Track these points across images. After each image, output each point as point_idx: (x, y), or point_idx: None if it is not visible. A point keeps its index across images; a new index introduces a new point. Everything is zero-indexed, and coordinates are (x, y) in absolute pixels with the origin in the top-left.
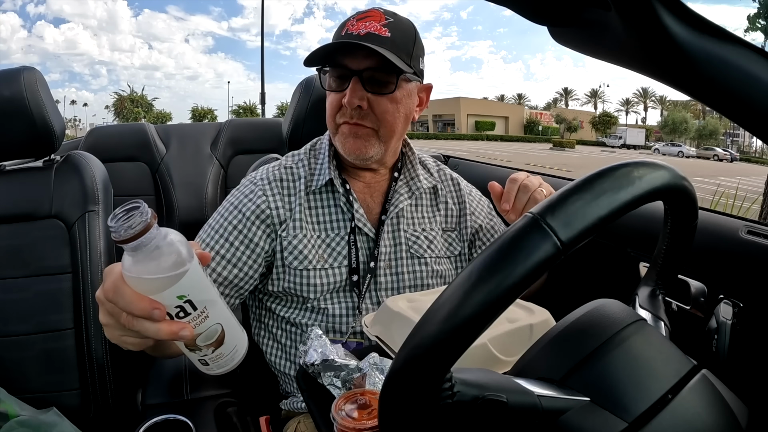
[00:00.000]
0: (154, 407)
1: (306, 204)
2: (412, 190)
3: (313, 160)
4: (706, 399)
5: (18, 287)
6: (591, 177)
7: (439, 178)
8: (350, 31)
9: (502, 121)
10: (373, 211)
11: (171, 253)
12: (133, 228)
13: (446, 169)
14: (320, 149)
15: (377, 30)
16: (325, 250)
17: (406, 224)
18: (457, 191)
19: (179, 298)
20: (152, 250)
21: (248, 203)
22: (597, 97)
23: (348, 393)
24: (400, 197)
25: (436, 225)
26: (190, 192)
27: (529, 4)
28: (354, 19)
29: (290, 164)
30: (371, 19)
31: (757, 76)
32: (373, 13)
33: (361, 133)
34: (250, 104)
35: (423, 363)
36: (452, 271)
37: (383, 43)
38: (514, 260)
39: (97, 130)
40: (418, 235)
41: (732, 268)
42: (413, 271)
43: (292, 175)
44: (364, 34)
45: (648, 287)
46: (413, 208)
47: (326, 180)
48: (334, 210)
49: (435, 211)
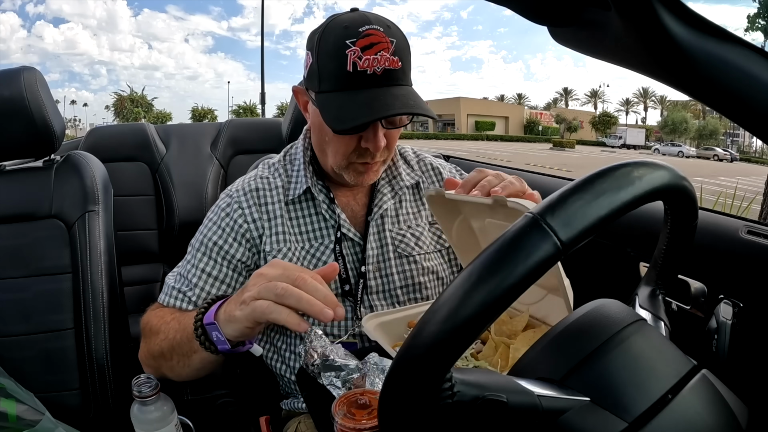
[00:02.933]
0: None
1: (287, 215)
2: (395, 190)
3: (289, 167)
4: (706, 399)
5: (18, 287)
6: (591, 177)
7: (420, 171)
8: (361, 68)
9: (502, 121)
10: (358, 214)
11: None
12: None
13: (427, 158)
14: (295, 155)
15: (391, 64)
16: (311, 261)
17: (390, 224)
18: (439, 181)
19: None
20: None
21: (226, 218)
22: (597, 97)
23: (348, 393)
24: (383, 197)
25: (422, 220)
26: (190, 192)
27: (529, 4)
28: (358, 48)
29: (266, 174)
30: (379, 48)
31: (757, 76)
32: (378, 37)
33: (375, 168)
34: (250, 104)
35: (423, 363)
36: (444, 266)
37: (399, 78)
38: (514, 260)
39: (97, 130)
40: (404, 233)
41: (732, 268)
42: (402, 270)
43: (269, 184)
44: (381, 72)
45: (648, 287)
46: (397, 205)
47: (303, 188)
48: (315, 219)
49: (419, 205)
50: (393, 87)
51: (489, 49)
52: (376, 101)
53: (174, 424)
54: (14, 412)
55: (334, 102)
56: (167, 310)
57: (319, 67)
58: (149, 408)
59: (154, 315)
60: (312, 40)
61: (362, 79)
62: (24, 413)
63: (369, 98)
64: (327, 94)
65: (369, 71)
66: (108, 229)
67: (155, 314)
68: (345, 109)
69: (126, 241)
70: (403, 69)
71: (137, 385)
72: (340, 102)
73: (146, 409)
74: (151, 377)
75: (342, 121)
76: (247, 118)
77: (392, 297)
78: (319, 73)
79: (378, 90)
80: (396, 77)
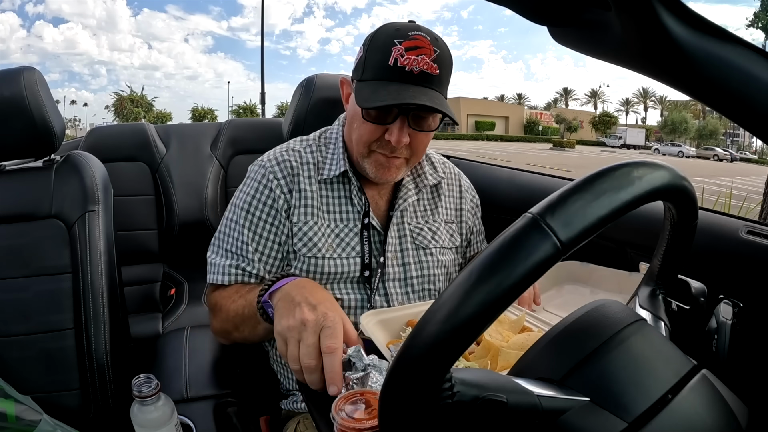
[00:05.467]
0: None
1: (318, 192)
2: (419, 187)
3: (324, 149)
4: (706, 399)
5: (18, 287)
6: (591, 177)
7: (443, 173)
8: (401, 64)
9: (502, 121)
10: (381, 208)
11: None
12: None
13: (449, 163)
14: (330, 139)
15: (429, 68)
16: (334, 240)
17: (410, 217)
18: (457, 185)
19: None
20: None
21: (264, 189)
22: (597, 97)
23: (348, 393)
24: (408, 192)
25: (438, 217)
26: (190, 192)
27: (529, 5)
28: (403, 47)
29: (299, 148)
30: (422, 52)
31: (757, 76)
32: (423, 43)
33: (396, 164)
34: (250, 104)
35: (423, 363)
36: (455, 263)
37: (434, 83)
38: (513, 260)
39: (97, 130)
40: (422, 227)
41: (732, 268)
42: (419, 261)
43: (300, 158)
44: (418, 72)
45: (648, 287)
46: (416, 201)
47: (341, 170)
48: (344, 201)
49: (437, 202)
50: (425, 87)
51: (489, 49)
52: (405, 92)
53: (174, 424)
54: (13, 413)
55: (369, 87)
56: (233, 288)
57: (366, 59)
58: (149, 408)
59: (220, 296)
60: (367, 37)
61: (400, 74)
62: (23, 413)
63: (400, 89)
64: (366, 82)
65: (407, 69)
66: (108, 229)
67: (220, 294)
68: (376, 93)
69: (126, 241)
70: (439, 78)
71: (137, 385)
72: (374, 88)
73: (146, 409)
74: (152, 377)
75: (369, 101)
76: (247, 118)
77: (408, 285)
78: (365, 64)
79: (411, 86)
80: (431, 81)
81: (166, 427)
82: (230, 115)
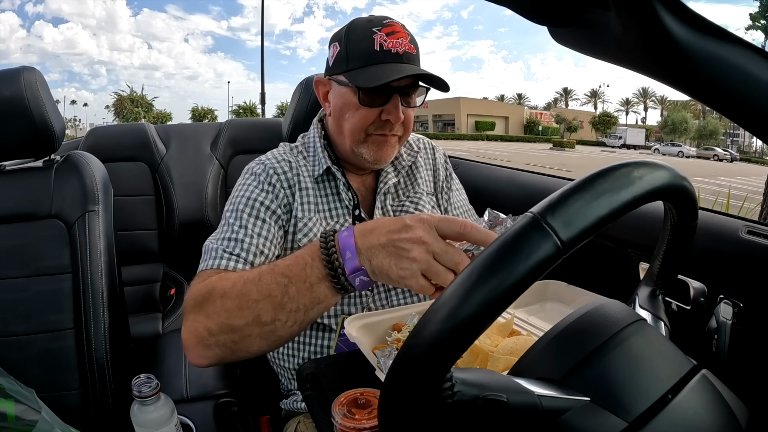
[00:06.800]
0: None
1: (315, 189)
2: (398, 168)
3: (305, 152)
4: (706, 399)
5: (18, 287)
6: (591, 177)
7: (417, 148)
8: (387, 48)
9: (502, 121)
10: (367, 197)
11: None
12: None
13: (423, 138)
14: (309, 143)
15: (409, 48)
16: None
17: (391, 199)
18: (432, 156)
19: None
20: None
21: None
22: (597, 97)
23: (348, 393)
24: (388, 175)
25: (418, 188)
26: (190, 192)
27: (529, 5)
28: (383, 33)
29: (287, 150)
30: (400, 35)
31: (757, 76)
32: (398, 28)
33: (392, 142)
34: (250, 104)
35: (423, 363)
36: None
37: (416, 61)
38: (514, 260)
39: (97, 130)
40: (402, 202)
41: (732, 268)
42: None
43: (297, 159)
44: (402, 53)
45: (648, 287)
46: (396, 183)
47: (324, 168)
48: (333, 198)
49: (416, 176)
50: (412, 65)
51: (489, 48)
52: (403, 69)
53: (174, 424)
54: (13, 413)
55: (363, 72)
56: (234, 273)
57: (347, 51)
58: (149, 408)
59: (219, 280)
60: (338, 33)
61: (388, 56)
62: (23, 413)
63: (395, 68)
64: (357, 69)
65: (393, 50)
66: (108, 229)
67: (221, 278)
68: (375, 74)
69: (126, 241)
70: (418, 56)
71: (137, 385)
72: (370, 71)
73: (146, 409)
74: (152, 377)
75: (373, 81)
76: (247, 118)
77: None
78: (348, 56)
79: (401, 64)
80: (414, 59)
81: (166, 427)
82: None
